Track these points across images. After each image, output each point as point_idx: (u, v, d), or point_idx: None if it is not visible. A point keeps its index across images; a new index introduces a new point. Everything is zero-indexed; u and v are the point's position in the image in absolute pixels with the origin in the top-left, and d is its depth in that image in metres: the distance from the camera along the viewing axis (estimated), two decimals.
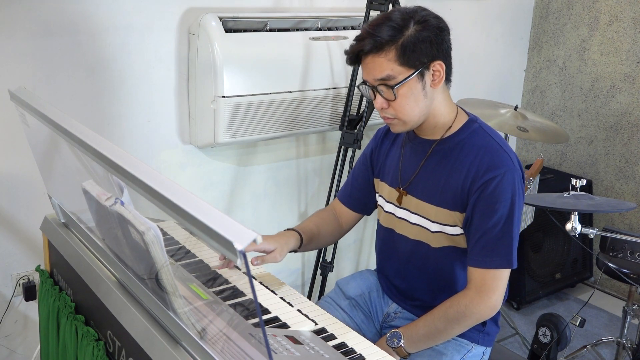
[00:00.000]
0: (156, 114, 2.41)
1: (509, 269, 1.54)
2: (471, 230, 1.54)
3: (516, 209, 1.51)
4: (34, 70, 2.12)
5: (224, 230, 0.84)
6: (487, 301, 1.52)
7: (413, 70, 1.46)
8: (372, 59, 1.47)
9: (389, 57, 1.45)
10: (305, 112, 2.56)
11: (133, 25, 2.26)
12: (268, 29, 2.42)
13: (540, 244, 3.24)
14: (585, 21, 3.39)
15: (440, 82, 1.51)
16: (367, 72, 1.50)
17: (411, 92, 1.48)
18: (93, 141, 1.21)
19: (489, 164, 1.50)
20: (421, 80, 1.48)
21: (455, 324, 1.54)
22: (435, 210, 1.58)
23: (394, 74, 1.46)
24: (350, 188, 1.85)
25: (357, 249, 3.21)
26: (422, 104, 1.51)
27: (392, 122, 1.55)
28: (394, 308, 1.76)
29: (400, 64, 1.45)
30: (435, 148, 1.59)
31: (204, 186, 2.59)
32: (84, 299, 1.55)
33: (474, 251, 1.53)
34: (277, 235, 1.69)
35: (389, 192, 1.70)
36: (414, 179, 1.63)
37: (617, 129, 3.33)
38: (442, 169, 1.57)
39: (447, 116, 1.58)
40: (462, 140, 1.56)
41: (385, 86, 1.48)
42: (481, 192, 1.50)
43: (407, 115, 1.51)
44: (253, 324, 1.31)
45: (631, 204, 2.25)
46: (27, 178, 2.17)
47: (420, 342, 1.57)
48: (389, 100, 1.50)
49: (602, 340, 2.80)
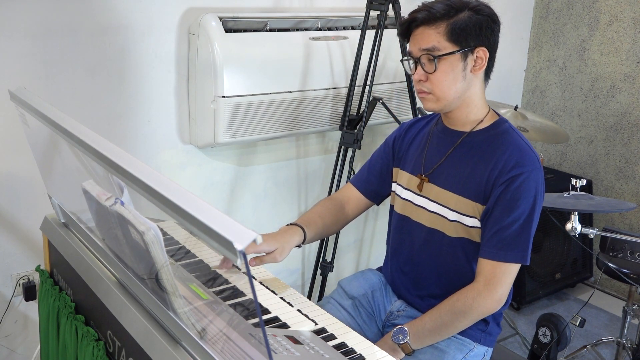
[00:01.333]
0: (156, 114, 2.41)
1: (519, 266, 1.55)
2: (489, 223, 1.55)
3: (537, 208, 1.54)
4: (34, 70, 2.12)
5: (224, 230, 0.84)
6: (494, 294, 1.53)
7: (458, 48, 1.51)
8: (423, 30, 1.53)
9: (439, 30, 1.51)
10: (305, 112, 2.56)
11: (133, 25, 2.26)
12: (268, 29, 2.42)
13: (540, 244, 3.24)
14: (585, 21, 3.39)
15: (480, 69, 1.56)
16: (414, 43, 1.55)
17: (451, 68, 1.53)
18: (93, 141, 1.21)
19: (517, 160, 1.53)
20: (463, 60, 1.53)
21: (461, 317, 1.54)
22: (456, 198, 1.60)
23: (439, 46, 1.51)
24: (366, 174, 1.85)
25: (357, 249, 3.21)
26: (460, 85, 1.55)
27: (426, 96, 1.58)
28: (397, 306, 1.76)
29: (448, 39, 1.51)
30: (464, 139, 1.62)
31: (204, 186, 2.59)
32: (84, 299, 1.55)
33: (490, 243, 1.54)
34: (278, 233, 1.67)
35: (409, 179, 1.71)
36: (437, 167, 1.65)
37: (617, 129, 3.33)
38: (469, 159, 1.60)
39: (480, 110, 1.62)
40: (493, 136, 1.59)
41: (428, 57, 1.52)
42: (506, 186, 1.52)
43: (443, 92, 1.55)
44: (253, 324, 1.31)
45: (631, 204, 2.25)
46: (27, 178, 2.17)
47: (426, 337, 1.57)
48: (429, 73, 1.54)
49: (602, 340, 2.80)
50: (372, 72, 2.52)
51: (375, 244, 3.24)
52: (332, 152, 2.89)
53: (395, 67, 2.74)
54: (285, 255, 1.64)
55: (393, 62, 2.72)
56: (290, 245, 1.66)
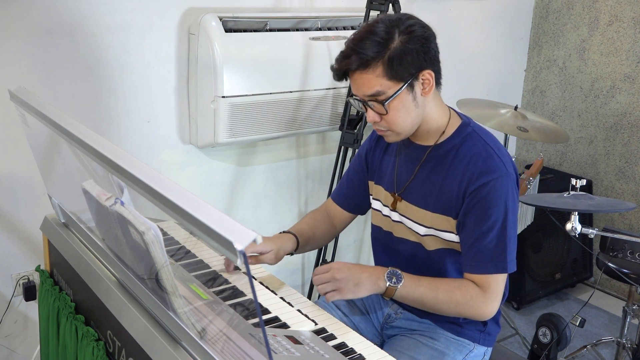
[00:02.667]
0: (156, 114, 2.41)
1: (505, 275, 1.53)
2: (464, 236, 1.53)
3: (510, 214, 1.51)
4: (34, 70, 2.12)
5: (224, 230, 0.84)
6: (489, 304, 1.52)
7: (402, 84, 1.45)
8: (360, 75, 1.46)
9: (376, 73, 1.44)
10: (305, 112, 2.56)
11: (133, 25, 2.26)
12: (268, 29, 2.42)
13: (540, 244, 3.24)
14: (585, 21, 3.39)
15: (430, 90, 1.50)
16: (356, 88, 1.49)
17: (402, 104, 1.48)
18: (93, 141, 1.21)
19: (482, 169, 1.50)
20: (411, 91, 1.48)
21: (454, 305, 1.52)
22: (431, 216, 1.58)
23: (383, 89, 1.45)
24: (345, 189, 1.84)
25: (357, 249, 3.20)
26: (414, 113, 1.51)
27: (385, 133, 1.55)
28: (395, 308, 1.75)
29: (389, 79, 1.44)
30: (429, 154, 1.59)
31: (204, 186, 2.59)
32: (84, 299, 1.55)
33: (468, 257, 1.53)
34: (275, 237, 1.69)
35: (385, 196, 1.70)
36: (408, 184, 1.63)
37: (617, 129, 3.33)
38: (437, 175, 1.57)
39: (440, 120, 1.58)
40: (456, 146, 1.56)
41: (376, 101, 1.47)
42: (474, 196, 1.50)
43: (400, 127, 1.52)
44: (253, 324, 1.31)
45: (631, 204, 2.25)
46: (27, 178, 2.17)
47: (413, 297, 1.53)
48: (381, 114, 1.50)
49: (602, 340, 2.80)
50: None
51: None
52: (332, 152, 2.89)
53: None
54: (280, 259, 1.65)
55: None
56: (285, 251, 1.67)
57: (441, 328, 1.66)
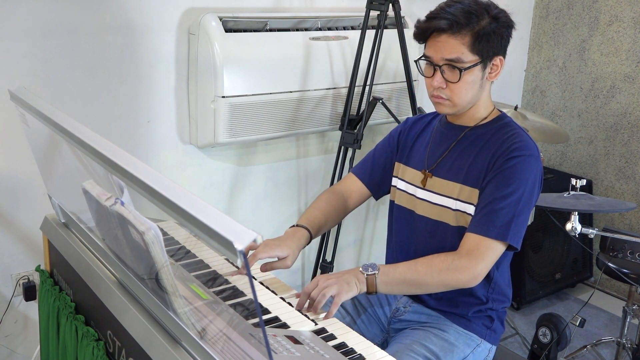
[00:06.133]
0: (156, 114, 2.41)
1: (503, 247, 1.53)
2: (480, 199, 1.56)
3: (529, 192, 1.53)
4: (34, 70, 2.12)
5: (224, 230, 0.84)
6: (472, 267, 1.50)
7: (480, 59, 1.52)
8: (446, 38, 1.51)
9: (464, 40, 1.50)
10: (305, 112, 2.56)
11: (133, 25, 2.26)
12: (268, 29, 2.42)
13: (540, 244, 3.24)
14: (585, 21, 3.39)
15: (496, 76, 1.59)
16: (435, 50, 1.53)
17: (473, 78, 1.54)
18: (93, 141, 1.21)
19: (515, 146, 1.55)
20: (483, 70, 1.55)
21: (435, 273, 1.51)
22: (459, 187, 1.61)
23: (463, 58, 1.51)
24: (370, 165, 1.84)
25: (357, 249, 3.20)
26: (477, 92, 1.58)
27: (443, 102, 1.59)
28: (402, 302, 1.75)
29: (471, 50, 1.51)
30: (467, 133, 1.64)
31: (204, 186, 2.59)
32: (84, 299, 1.55)
33: (477, 217, 1.54)
34: (288, 237, 1.66)
35: (413, 174, 1.72)
36: (440, 161, 1.66)
37: (617, 129, 3.33)
38: (471, 151, 1.62)
39: (486, 109, 1.64)
40: (492, 129, 1.62)
41: (451, 67, 1.52)
42: (501, 165, 1.54)
43: (461, 99, 1.57)
44: (253, 324, 1.31)
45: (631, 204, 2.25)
46: (27, 178, 2.17)
47: (394, 280, 1.53)
48: (450, 82, 1.54)
49: (602, 340, 2.80)
50: (372, 72, 2.52)
51: (375, 243, 3.24)
52: (332, 152, 2.89)
53: (395, 67, 2.74)
54: (295, 260, 1.64)
55: (393, 62, 2.72)
56: (300, 250, 1.67)
57: (450, 320, 1.67)
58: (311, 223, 1.72)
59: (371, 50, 2.52)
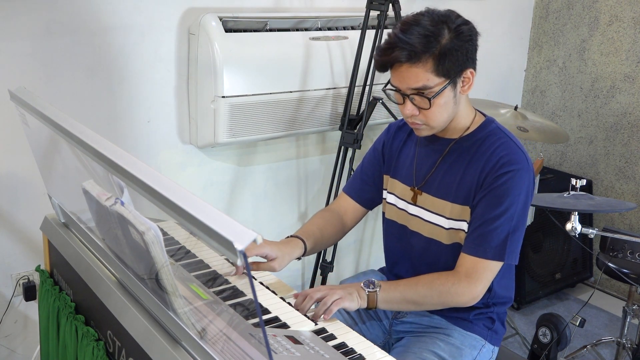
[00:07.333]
0: (156, 114, 2.41)
1: (500, 264, 1.54)
2: (473, 219, 1.54)
3: (522, 207, 1.52)
4: (34, 70, 2.12)
5: (224, 230, 0.84)
6: (472, 289, 1.52)
7: (448, 80, 1.47)
8: (408, 68, 1.45)
9: (426, 67, 1.44)
10: (305, 112, 2.56)
11: (133, 25, 2.26)
12: (268, 29, 2.42)
13: (540, 244, 3.24)
14: (585, 21, 3.39)
15: (469, 89, 1.54)
16: (401, 81, 1.48)
17: (445, 100, 1.50)
18: (93, 141, 1.21)
19: (505, 160, 1.52)
20: (454, 88, 1.50)
21: (436, 295, 1.53)
22: (450, 206, 1.59)
23: (430, 84, 1.46)
24: (359, 182, 1.84)
25: (357, 249, 3.20)
26: (452, 110, 1.54)
27: (419, 127, 1.56)
28: None
29: (437, 74, 1.45)
30: (452, 147, 1.61)
31: (204, 186, 2.59)
32: (84, 299, 1.55)
33: (471, 238, 1.54)
34: (282, 243, 1.67)
35: (403, 189, 1.70)
36: (429, 177, 1.64)
37: (617, 129, 3.33)
38: (459, 166, 1.59)
39: (467, 118, 1.60)
40: (480, 139, 1.58)
41: (420, 96, 1.48)
42: (492, 183, 1.51)
43: (437, 122, 1.53)
44: (253, 324, 1.31)
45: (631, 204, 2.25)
46: (27, 178, 2.17)
47: (394, 298, 1.54)
48: (421, 109, 1.50)
49: (602, 340, 2.80)
50: (372, 72, 2.52)
51: (375, 244, 3.23)
52: (332, 152, 2.89)
53: None
54: (284, 266, 1.63)
55: None
56: (291, 257, 1.66)
57: (452, 323, 1.67)
58: (306, 234, 1.72)
59: (371, 50, 2.52)
